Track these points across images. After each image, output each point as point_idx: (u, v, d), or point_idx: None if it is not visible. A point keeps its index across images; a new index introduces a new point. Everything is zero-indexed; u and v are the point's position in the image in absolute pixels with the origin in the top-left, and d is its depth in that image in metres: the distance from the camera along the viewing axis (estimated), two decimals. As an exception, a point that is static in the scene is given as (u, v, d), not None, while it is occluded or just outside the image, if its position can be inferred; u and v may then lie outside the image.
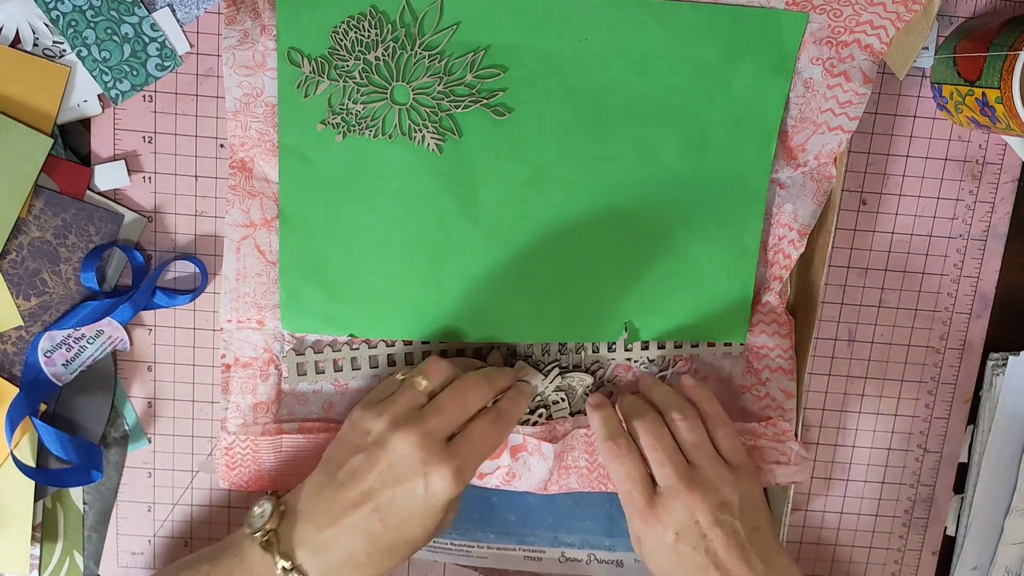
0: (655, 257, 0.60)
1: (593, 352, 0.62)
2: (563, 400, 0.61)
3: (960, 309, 0.64)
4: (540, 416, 0.61)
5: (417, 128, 0.56)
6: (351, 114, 0.56)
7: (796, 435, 0.61)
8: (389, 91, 0.56)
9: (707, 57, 0.56)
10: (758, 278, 0.61)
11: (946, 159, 0.62)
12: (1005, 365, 0.64)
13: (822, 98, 0.57)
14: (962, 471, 0.67)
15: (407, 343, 0.61)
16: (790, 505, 0.62)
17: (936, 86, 0.59)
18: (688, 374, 0.61)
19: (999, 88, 0.52)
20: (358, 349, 0.60)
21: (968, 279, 0.63)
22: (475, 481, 0.59)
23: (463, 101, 0.56)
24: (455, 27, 0.55)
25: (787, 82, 0.57)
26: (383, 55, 0.55)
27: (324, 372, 0.60)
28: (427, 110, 0.56)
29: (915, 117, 0.61)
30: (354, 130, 0.56)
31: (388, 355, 0.60)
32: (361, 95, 0.56)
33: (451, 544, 0.62)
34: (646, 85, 0.56)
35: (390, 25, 0.54)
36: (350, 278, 0.59)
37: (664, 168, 0.58)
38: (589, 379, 0.61)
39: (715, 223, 0.59)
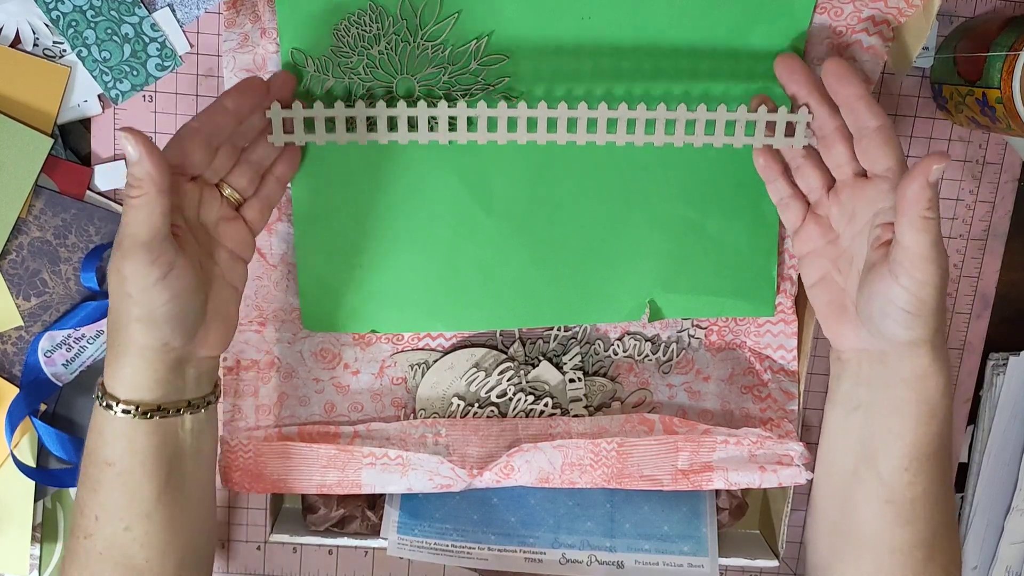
0: (673, 233, 0.59)
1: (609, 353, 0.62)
2: (584, 398, 0.61)
3: (960, 309, 0.64)
4: (546, 405, 0.61)
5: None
6: None
7: (797, 436, 0.62)
8: (394, 85, 0.56)
9: (715, 29, 0.55)
10: None
11: (946, 159, 0.62)
12: (1005, 365, 0.64)
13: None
14: (962, 471, 0.67)
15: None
16: (790, 505, 0.62)
17: (936, 86, 0.59)
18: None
19: (999, 88, 0.52)
20: (354, 107, 0.53)
21: (968, 279, 0.63)
22: (474, 481, 0.59)
23: (469, 90, 0.56)
24: (456, 16, 0.54)
25: (799, 50, 0.56)
26: (386, 49, 0.55)
27: (314, 131, 0.54)
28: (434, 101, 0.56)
29: (915, 117, 0.61)
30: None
31: (389, 117, 0.54)
32: (367, 91, 0.56)
33: (452, 546, 0.62)
34: (652, 60, 0.56)
35: (391, 19, 0.54)
36: (367, 274, 0.59)
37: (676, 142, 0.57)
38: (609, 384, 0.62)
39: (732, 194, 0.58)
